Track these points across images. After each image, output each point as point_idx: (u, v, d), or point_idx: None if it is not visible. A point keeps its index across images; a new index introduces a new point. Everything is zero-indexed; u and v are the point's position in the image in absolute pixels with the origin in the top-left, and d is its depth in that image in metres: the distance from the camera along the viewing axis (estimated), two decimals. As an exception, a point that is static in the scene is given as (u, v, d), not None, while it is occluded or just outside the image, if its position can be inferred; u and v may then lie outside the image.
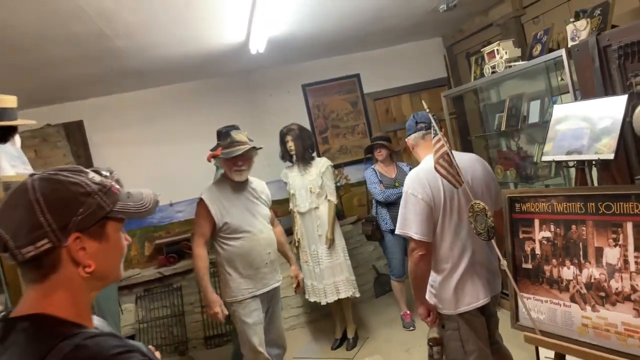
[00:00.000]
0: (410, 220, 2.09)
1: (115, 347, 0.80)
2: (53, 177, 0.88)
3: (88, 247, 0.88)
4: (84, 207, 0.88)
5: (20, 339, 0.81)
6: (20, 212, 0.83)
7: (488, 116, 4.12)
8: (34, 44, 2.77)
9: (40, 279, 0.85)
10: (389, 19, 3.93)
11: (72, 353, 0.77)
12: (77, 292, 0.88)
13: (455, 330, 2.14)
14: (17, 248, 0.82)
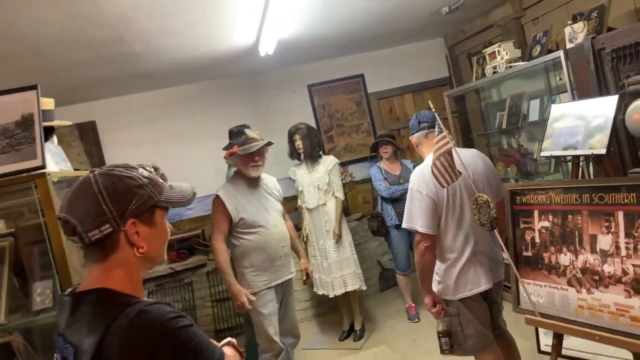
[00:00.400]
0: (416, 214, 2.22)
1: (170, 312, 0.95)
2: (111, 172, 1.04)
3: (141, 231, 1.04)
4: (137, 197, 1.03)
5: (89, 309, 0.96)
6: (86, 202, 0.98)
7: (489, 115, 4.25)
8: (55, 48, 2.91)
9: (103, 259, 1.00)
10: (394, 21, 4.06)
11: (137, 316, 0.91)
12: (132, 270, 1.04)
13: (456, 316, 2.28)
14: (85, 232, 0.97)
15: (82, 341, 0.91)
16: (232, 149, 2.84)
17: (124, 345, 0.88)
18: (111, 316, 0.91)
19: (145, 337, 0.89)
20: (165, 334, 0.91)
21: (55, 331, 1.03)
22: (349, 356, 3.69)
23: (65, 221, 0.97)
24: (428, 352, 3.47)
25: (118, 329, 0.89)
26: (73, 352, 0.92)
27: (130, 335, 0.89)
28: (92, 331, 0.90)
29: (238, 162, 2.91)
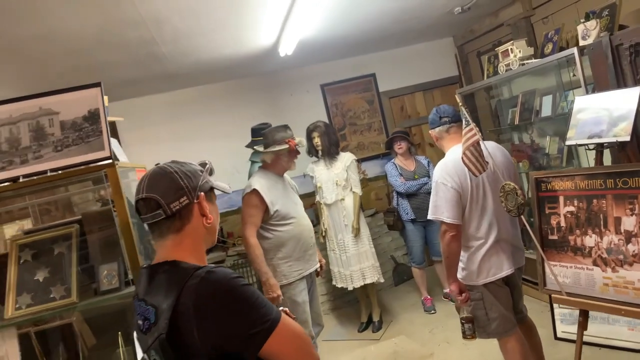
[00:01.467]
0: (442, 206, 2.32)
1: (232, 273, 1.10)
2: (176, 161, 1.22)
3: (207, 205, 1.20)
4: (202, 177, 1.21)
5: (164, 277, 1.11)
6: (165, 181, 1.14)
7: (502, 111, 4.36)
8: (90, 49, 3.02)
9: (179, 229, 1.15)
10: (405, 21, 4.19)
11: (206, 276, 1.06)
12: (199, 240, 1.20)
13: (480, 300, 2.39)
14: (167, 204, 1.12)
15: (161, 302, 1.05)
16: (290, 141, 2.93)
17: (197, 300, 1.02)
18: (183, 278, 1.05)
19: (213, 293, 1.04)
20: (231, 290, 1.05)
21: (134, 299, 1.18)
22: (369, 346, 3.81)
23: (148, 199, 1.11)
24: (446, 341, 3.59)
25: (190, 287, 1.03)
26: (154, 312, 1.06)
27: (201, 292, 1.03)
28: (169, 293, 1.05)
29: (281, 156, 2.98)
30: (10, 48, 2.67)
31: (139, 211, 1.15)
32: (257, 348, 1.03)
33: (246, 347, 1.03)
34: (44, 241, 1.68)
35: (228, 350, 1.03)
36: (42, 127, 1.57)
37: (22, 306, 1.58)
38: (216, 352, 1.02)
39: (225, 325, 1.02)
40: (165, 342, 1.01)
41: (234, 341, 1.03)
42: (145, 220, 1.14)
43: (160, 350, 1.02)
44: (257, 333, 1.04)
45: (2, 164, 1.51)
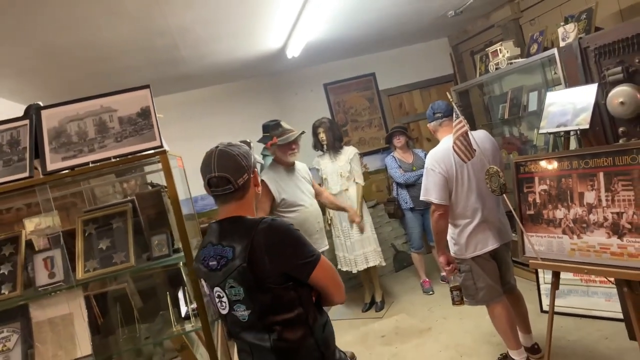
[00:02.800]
0: (430, 188, 2.70)
1: (287, 222, 1.49)
2: (233, 143, 1.55)
3: (257, 177, 1.58)
4: (252, 156, 1.56)
5: (235, 226, 1.47)
6: (232, 162, 1.48)
7: (494, 107, 4.70)
8: (115, 55, 3.35)
9: (241, 197, 1.51)
10: (404, 23, 4.52)
11: (272, 222, 1.44)
12: (252, 205, 1.57)
13: (469, 272, 2.74)
14: (235, 180, 1.46)
15: (237, 243, 1.41)
16: (272, 139, 3.28)
17: (267, 239, 1.39)
18: (254, 225, 1.42)
19: (279, 233, 1.42)
20: (289, 232, 1.44)
21: (208, 245, 1.50)
22: (373, 324, 4.15)
23: (221, 177, 1.45)
24: (443, 317, 3.93)
25: (261, 230, 1.40)
26: (232, 250, 1.40)
27: (269, 232, 1.40)
28: (243, 236, 1.41)
29: (277, 150, 3.34)
30: (51, 54, 3.00)
31: (211, 185, 1.47)
32: (309, 273, 1.42)
33: (302, 272, 1.42)
34: (103, 217, 2.01)
35: (290, 273, 1.40)
36: (104, 122, 1.90)
37: (90, 269, 1.92)
38: (281, 276, 1.39)
39: (287, 256, 1.40)
40: (246, 269, 1.36)
41: (294, 268, 1.41)
42: (216, 192, 1.46)
43: (239, 277, 1.37)
44: (309, 262, 1.43)
45: (74, 152, 1.84)
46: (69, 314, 1.94)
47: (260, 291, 1.39)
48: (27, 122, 1.91)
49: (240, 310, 1.42)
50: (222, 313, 1.49)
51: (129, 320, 2.13)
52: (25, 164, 1.82)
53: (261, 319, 1.40)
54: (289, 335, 1.40)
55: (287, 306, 1.41)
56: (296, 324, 1.42)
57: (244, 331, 1.45)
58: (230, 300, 1.43)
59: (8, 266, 1.92)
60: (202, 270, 1.51)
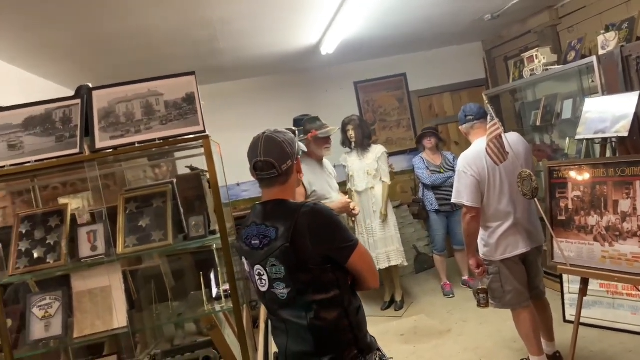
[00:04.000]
0: (463, 191, 2.71)
1: (328, 207, 1.56)
2: (280, 131, 1.60)
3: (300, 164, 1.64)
4: (297, 144, 1.61)
5: (278, 208, 1.53)
6: (277, 148, 1.53)
7: (526, 113, 4.66)
8: (158, 44, 3.45)
9: (284, 182, 1.57)
10: (440, 26, 4.52)
11: (314, 206, 1.50)
12: (294, 188, 1.62)
13: (497, 274, 2.74)
14: (279, 166, 1.52)
15: (280, 224, 1.48)
16: (312, 132, 3.32)
17: (310, 222, 1.46)
18: (298, 208, 1.49)
19: (321, 216, 1.49)
20: (331, 217, 1.51)
21: (252, 225, 1.56)
22: (392, 322, 4.17)
23: (266, 161, 1.50)
24: (463, 320, 3.93)
25: (304, 213, 1.47)
26: (275, 231, 1.47)
27: (312, 215, 1.47)
28: (287, 218, 1.47)
29: (313, 143, 3.38)
30: (99, 40, 3.11)
31: (257, 169, 1.54)
32: (347, 257, 1.49)
33: (340, 256, 1.49)
34: (145, 196, 2.10)
35: (329, 256, 1.47)
36: (150, 105, 1.98)
37: (130, 245, 2.00)
38: (321, 257, 1.46)
39: (328, 239, 1.47)
40: (288, 249, 1.43)
41: (333, 250, 1.48)
42: (261, 175, 1.54)
43: (281, 256, 1.44)
44: (347, 247, 1.49)
45: (121, 132, 1.93)
46: (108, 287, 2.03)
47: (301, 271, 1.45)
48: (79, 102, 2.00)
49: (280, 289, 1.48)
50: (262, 290, 1.55)
51: (161, 298, 2.21)
52: (75, 140, 1.91)
53: (299, 297, 1.47)
54: (325, 314, 1.46)
55: (324, 287, 1.47)
56: (332, 304, 1.48)
57: (282, 309, 1.52)
58: (271, 279, 1.49)
59: (54, 237, 2.02)
60: (244, 248, 1.58)
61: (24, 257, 1.97)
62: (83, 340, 1.96)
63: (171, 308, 2.13)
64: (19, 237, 2.01)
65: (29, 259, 1.97)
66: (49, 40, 2.92)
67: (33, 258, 1.97)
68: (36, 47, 3.00)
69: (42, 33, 2.78)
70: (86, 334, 1.95)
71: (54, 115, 1.97)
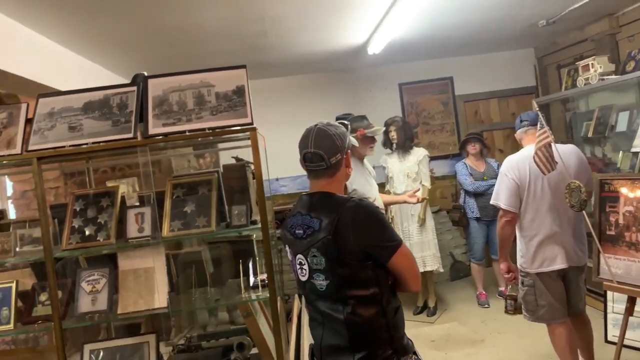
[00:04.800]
0: (501, 193, 2.68)
1: (374, 204, 1.57)
2: (331, 123, 1.60)
3: (349, 159, 1.63)
4: (348, 138, 1.61)
5: (324, 200, 1.54)
6: (327, 141, 1.53)
7: (577, 124, 4.50)
8: (209, 37, 3.55)
9: (332, 174, 1.57)
10: (491, 30, 4.42)
11: (360, 202, 1.50)
12: (341, 183, 1.62)
13: (532, 287, 2.66)
14: (329, 158, 1.52)
15: (325, 216, 1.49)
16: (360, 130, 3.32)
17: (354, 216, 1.46)
18: (343, 202, 1.50)
19: (366, 213, 1.49)
20: (376, 213, 1.51)
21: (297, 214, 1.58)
22: (424, 328, 4.12)
23: (316, 153, 1.52)
24: (498, 331, 3.83)
25: (349, 207, 1.47)
26: (319, 222, 1.49)
27: (357, 211, 1.47)
28: (332, 210, 1.48)
29: (360, 142, 3.37)
30: (154, 32, 3.24)
31: (306, 160, 1.55)
32: (389, 257, 1.48)
33: (382, 254, 1.48)
34: (191, 183, 2.17)
35: (371, 253, 1.47)
36: (202, 95, 2.05)
37: (175, 229, 2.07)
38: (362, 254, 1.46)
39: (371, 236, 1.47)
40: (330, 242, 1.44)
41: (375, 248, 1.47)
42: (310, 166, 1.55)
43: (323, 247, 1.46)
44: (390, 246, 1.48)
45: (173, 120, 2.00)
46: (151, 268, 2.11)
47: (341, 264, 1.46)
48: (135, 89, 2.09)
49: (319, 280, 1.50)
50: (302, 280, 1.57)
51: (200, 283, 2.28)
52: (130, 125, 2.00)
53: (338, 290, 1.48)
54: (362, 311, 1.46)
55: (363, 283, 1.47)
56: (370, 301, 1.48)
57: (320, 300, 1.53)
58: (311, 269, 1.51)
59: (104, 217, 2.12)
60: (288, 237, 1.60)
61: (77, 233, 2.09)
62: (126, 316, 2.05)
63: (209, 293, 2.20)
64: (72, 214, 2.12)
65: (80, 236, 2.08)
66: (110, 30, 3.07)
67: (84, 235, 2.08)
68: (97, 37, 3.15)
69: (104, 24, 2.92)
70: (129, 310, 2.04)
71: (112, 101, 2.06)
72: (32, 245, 2.11)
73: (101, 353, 2.15)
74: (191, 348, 2.25)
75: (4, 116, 2.05)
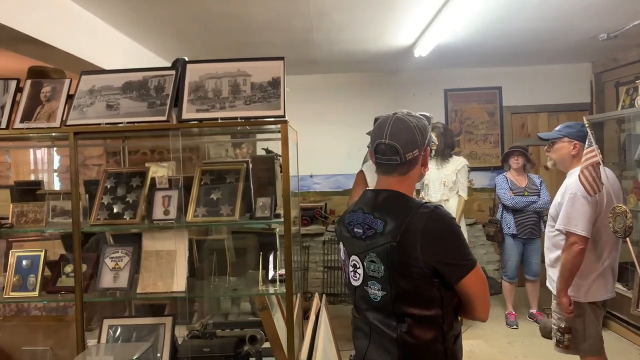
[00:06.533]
0: (577, 218, 2.32)
1: (451, 214, 1.34)
2: (412, 114, 1.41)
3: (427, 157, 1.43)
4: (429, 133, 1.42)
5: (394, 202, 1.35)
6: (406, 134, 1.34)
7: (631, 146, 4.24)
8: (257, 28, 3.56)
9: (405, 172, 1.37)
10: (546, 41, 4.23)
11: (435, 209, 1.30)
12: (414, 182, 1.42)
13: (581, 317, 2.45)
14: (404, 153, 1.33)
15: (391, 219, 1.31)
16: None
17: (426, 225, 1.27)
18: (415, 206, 1.31)
19: (440, 223, 1.30)
20: (451, 226, 1.31)
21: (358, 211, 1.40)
22: (446, 341, 3.99)
23: (390, 145, 1.32)
24: (524, 355, 3.66)
25: (421, 214, 1.29)
26: (383, 224, 1.31)
27: (430, 219, 1.28)
28: (401, 213, 1.30)
29: None
30: (205, 19, 3.28)
31: (378, 152, 1.36)
32: (459, 278, 1.29)
33: (452, 274, 1.29)
34: (220, 171, 2.18)
35: (437, 269, 1.28)
36: (237, 84, 2.04)
37: (199, 215, 2.08)
38: (428, 268, 1.27)
39: (441, 250, 1.28)
40: (394, 249, 1.27)
41: (445, 266, 1.29)
42: (381, 160, 1.36)
43: (383, 254, 1.29)
44: (463, 266, 1.30)
45: (207, 106, 2.01)
46: (173, 251, 2.13)
47: (402, 276, 1.29)
48: (173, 73, 2.11)
49: (374, 289, 1.34)
50: (353, 284, 1.41)
51: (221, 271, 2.28)
52: (165, 108, 2.02)
53: (394, 305, 1.31)
54: (419, 332, 1.30)
55: (425, 302, 1.30)
56: (430, 324, 1.30)
57: (371, 310, 1.37)
58: (367, 275, 1.36)
59: (133, 196, 2.15)
60: (344, 234, 1.44)
61: (105, 210, 2.13)
62: (144, 296, 2.08)
63: (228, 282, 2.19)
64: (103, 191, 2.17)
65: (108, 213, 2.13)
66: (159, 14, 3.13)
67: (112, 212, 2.12)
68: (146, 19, 3.23)
69: (154, 6, 2.98)
70: (148, 291, 2.07)
71: (150, 83, 2.09)
72: (63, 217, 2.17)
73: (119, 329, 2.19)
74: (206, 335, 2.26)
75: (48, 90, 2.11)
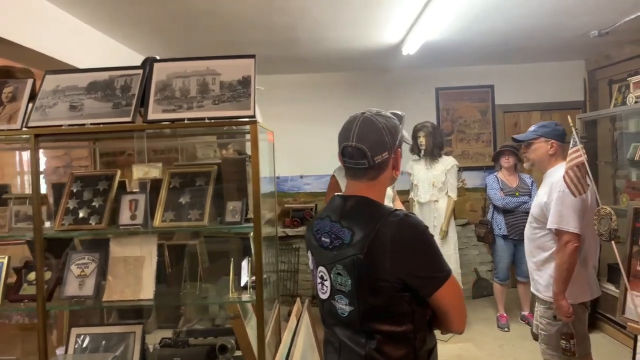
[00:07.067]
0: (567, 215, 2.24)
1: (423, 222, 1.24)
2: (383, 114, 1.31)
3: (399, 158, 1.33)
4: (400, 133, 1.32)
5: (362, 209, 1.25)
6: (374, 134, 1.25)
7: (624, 145, 4.16)
8: (238, 26, 3.47)
9: (374, 177, 1.27)
10: (537, 38, 4.15)
11: (405, 217, 1.20)
12: (385, 187, 1.33)
13: (577, 319, 2.35)
14: (372, 156, 1.24)
15: (358, 228, 1.22)
16: None
17: (395, 235, 1.18)
18: (384, 214, 1.21)
19: (409, 231, 1.20)
20: (423, 234, 1.21)
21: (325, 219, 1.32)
22: (435, 345, 3.92)
23: (358, 148, 1.23)
24: (515, 359, 3.59)
25: (390, 222, 1.19)
26: (350, 234, 1.22)
27: (400, 228, 1.19)
28: (368, 222, 1.21)
29: None
30: (187, 17, 3.20)
31: (345, 155, 1.28)
32: (433, 291, 1.20)
33: (424, 287, 1.20)
34: (189, 174, 2.10)
35: (408, 283, 1.19)
36: (206, 84, 1.97)
37: (167, 220, 2.00)
38: (398, 282, 1.19)
39: (412, 262, 1.19)
40: (361, 262, 1.18)
41: (415, 279, 1.20)
42: (349, 163, 1.28)
43: (350, 266, 1.21)
44: (436, 278, 1.20)
45: (174, 107, 1.93)
46: (142, 257, 2.05)
47: (371, 291, 1.21)
48: (140, 72, 2.03)
49: (341, 303, 1.26)
50: (321, 297, 1.34)
51: (192, 277, 2.20)
52: (130, 109, 1.94)
53: (363, 321, 1.24)
54: (389, 349, 1.22)
55: (396, 318, 1.22)
56: (401, 340, 1.22)
57: (339, 326, 1.30)
58: (334, 288, 1.28)
59: (99, 200, 2.08)
60: (312, 242, 1.36)
61: (70, 215, 2.05)
62: (110, 304, 2.00)
63: (199, 289, 2.11)
64: (69, 195, 2.09)
65: (74, 218, 2.05)
66: (141, 13, 3.05)
67: (78, 217, 2.05)
68: (124, 16, 3.14)
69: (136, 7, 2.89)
70: (114, 299, 1.99)
71: (116, 83, 2.01)
72: (27, 222, 2.09)
73: (87, 338, 2.12)
74: (178, 343, 2.18)
75: (10, 90, 2.04)
